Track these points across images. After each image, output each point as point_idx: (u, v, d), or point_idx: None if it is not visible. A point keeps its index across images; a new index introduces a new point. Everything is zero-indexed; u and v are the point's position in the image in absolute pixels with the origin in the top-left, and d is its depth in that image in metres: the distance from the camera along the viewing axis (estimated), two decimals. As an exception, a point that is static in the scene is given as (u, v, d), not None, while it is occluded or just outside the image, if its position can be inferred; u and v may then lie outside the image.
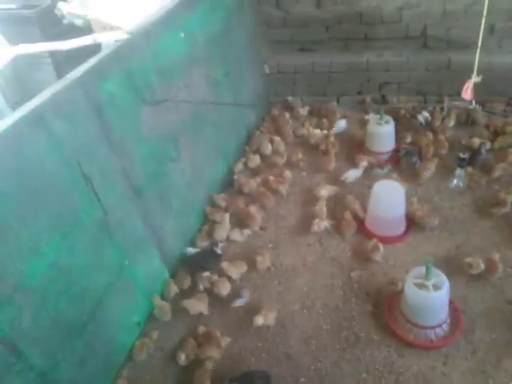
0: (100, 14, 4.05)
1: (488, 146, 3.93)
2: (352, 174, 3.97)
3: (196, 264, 3.25)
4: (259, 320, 2.81)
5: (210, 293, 3.10)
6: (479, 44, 2.78)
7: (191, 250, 3.42)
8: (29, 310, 2.07)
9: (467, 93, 2.84)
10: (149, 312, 3.04)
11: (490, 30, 4.38)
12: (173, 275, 3.28)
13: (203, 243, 3.55)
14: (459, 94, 4.62)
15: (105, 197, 2.52)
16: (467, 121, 4.42)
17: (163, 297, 3.12)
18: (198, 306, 3.01)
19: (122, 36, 2.69)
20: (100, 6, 4.05)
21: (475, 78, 2.81)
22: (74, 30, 4.37)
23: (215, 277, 3.15)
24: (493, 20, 4.27)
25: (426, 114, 4.42)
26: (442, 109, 4.50)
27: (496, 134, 4.20)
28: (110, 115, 2.55)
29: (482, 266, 2.99)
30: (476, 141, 4.00)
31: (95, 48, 3.52)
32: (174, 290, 3.13)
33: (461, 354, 2.63)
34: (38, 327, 2.14)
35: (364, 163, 4.02)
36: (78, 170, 2.33)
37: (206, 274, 3.15)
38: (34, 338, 2.12)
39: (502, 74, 4.30)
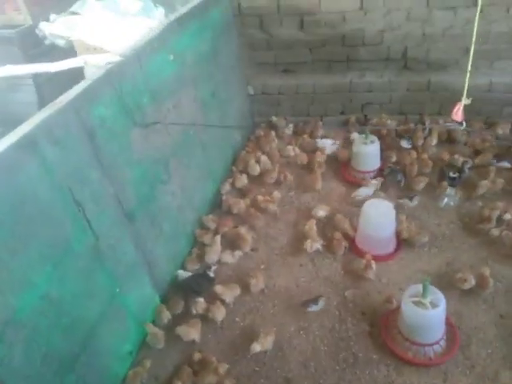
0: (84, 36, 4.03)
1: (470, 163, 4.04)
2: (363, 192, 3.98)
3: (188, 288, 3.18)
4: (256, 347, 2.75)
5: (204, 318, 3.03)
6: (469, 68, 2.87)
7: (182, 273, 3.35)
8: (20, 346, 1.96)
9: (458, 115, 2.92)
10: (141, 340, 2.94)
11: (467, 52, 4.56)
12: (164, 300, 3.19)
13: (194, 266, 3.48)
14: (439, 113, 4.85)
15: (96, 223, 2.45)
16: (448, 139, 4.56)
17: (155, 323, 3.02)
18: (191, 332, 2.93)
19: (113, 58, 2.66)
20: (85, 28, 4.04)
21: (465, 101, 2.89)
22: (55, 51, 4.33)
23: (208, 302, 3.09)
24: (468, 43, 4.45)
25: (408, 141, 4.53)
26: (424, 128, 4.62)
27: (476, 152, 4.34)
28: (101, 139, 2.50)
29: (473, 282, 3.04)
30: (459, 159, 4.10)
31: (77, 70, 3.50)
32: (166, 316, 3.04)
33: (460, 370, 2.64)
34: (30, 364, 2.03)
35: (375, 182, 4.05)
36: (69, 197, 2.26)
37: (200, 299, 3.07)
38: (26, 376, 2.01)
39: (479, 93, 4.45)
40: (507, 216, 3.45)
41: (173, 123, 3.32)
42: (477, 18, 2.71)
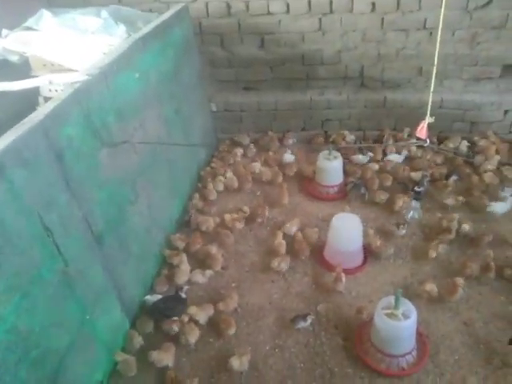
0: (41, 52, 3.88)
1: (428, 177, 4.26)
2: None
3: (160, 312, 3.08)
4: (235, 363, 2.72)
5: (178, 340, 2.95)
6: (432, 87, 3.03)
7: (150, 299, 3.24)
8: (-14, 385, 1.83)
9: (422, 132, 3.07)
10: (112, 368, 2.81)
11: (419, 71, 4.85)
12: (135, 325, 3.08)
13: (163, 288, 3.40)
14: (395, 129, 5.09)
15: (66, 248, 2.34)
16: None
17: (127, 350, 2.91)
18: (164, 358, 2.84)
19: (79, 77, 2.58)
20: (41, 43, 3.89)
21: (429, 119, 3.05)
22: (6, 67, 4.12)
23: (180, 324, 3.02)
24: (421, 63, 4.74)
25: (363, 156, 4.70)
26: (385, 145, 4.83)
27: (431, 165, 4.58)
28: (69, 160, 2.40)
29: (436, 290, 3.18)
30: (418, 173, 4.31)
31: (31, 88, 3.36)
32: (138, 341, 2.93)
33: (430, 378, 2.73)
34: (-4, 404, 1.89)
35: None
36: (38, 222, 2.14)
37: (174, 319, 3.00)
38: (-8, 418, 1.86)
39: (431, 110, 4.72)
40: (465, 227, 3.63)
41: (140, 142, 3.26)
42: (438, 41, 2.86)
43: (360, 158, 4.68)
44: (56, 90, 3.57)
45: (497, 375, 2.70)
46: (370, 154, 4.70)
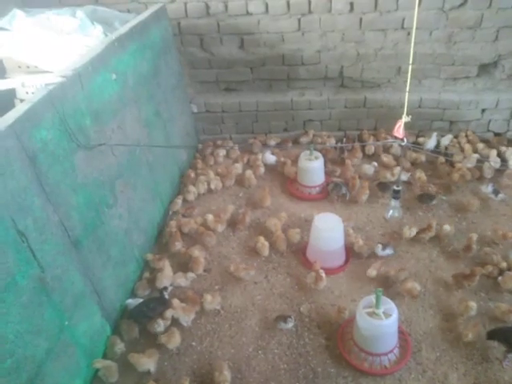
0: (15, 53, 3.80)
1: (406, 176, 4.30)
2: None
3: (142, 315, 3.04)
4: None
5: (160, 345, 2.91)
6: (408, 87, 3.05)
7: (132, 302, 3.20)
8: (-42, 397, 1.77)
9: (399, 132, 3.10)
10: (92, 374, 2.76)
11: (398, 71, 4.90)
12: (116, 330, 3.04)
13: (144, 292, 3.36)
14: (375, 128, 5.13)
15: (41, 253, 2.28)
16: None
17: (108, 355, 2.86)
18: (145, 362, 2.80)
19: (53, 79, 2.52)
20: (15, 44, 3.81)
21: (405, 118, 3.07)
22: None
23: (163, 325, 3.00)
24: (399, 63, 4.78)
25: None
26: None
27: (412, 164, 4.64)
28: (44, 164, 2.35)
29: (419, 288, 3.21)
30: (397, 172, 4.35)
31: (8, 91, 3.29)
32: (119, 347, 2.88)
33: (413, 376, 2.75)
34: (-30, 415, 1.82)
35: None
36: (11, 227, 2.08)
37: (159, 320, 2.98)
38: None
39: (411, 109, 4.75)
40: (446, 227, 3.67)
41: (118, 144, 3.21)
42: (412, 40, 2.88)
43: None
44: (33, 93, 3.49)
45: (477, 371, 2.73)
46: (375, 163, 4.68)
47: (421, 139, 4.96)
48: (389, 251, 3.54)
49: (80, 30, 3.95)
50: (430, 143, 4.82)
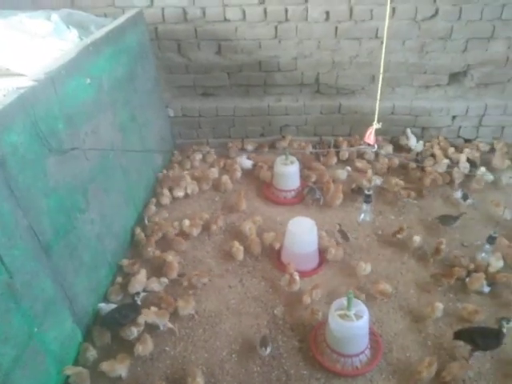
0: (-13, 56, 3.74)
1: (380, 181, 4.40)
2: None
3: (114, 322, 3.01)
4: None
5: (132, 351, 2.90)
6: (378, 95, 3.13)
7: (104, 307, 3.17)
8: None
9: (370, 138, 3.18)
10: (63, 381, 2.72)
11: (372, 79, 5.01)
12: (88, 336, 3.01)
13: (117, 297, 3.34)
14: (350, 134, 5.23)
15: (10, 258, 2.25)
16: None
17: (80, 362, 2.83)
18: (117, 368, 2.79)
19: (25, 83, 2.50)
20: (-13, 47, 3.75)
21: (376, 125, 3.16)
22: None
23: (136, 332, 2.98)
24: (373, 71, 4.90)
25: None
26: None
27: (388, 170, 4.75)
28: (13, 168, 2.32)
29: (390, 290, 3.29)
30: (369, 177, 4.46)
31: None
32: (91, 354, 2.86)
33: (383, 377, 2.81)
34: None
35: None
36: (-22, 231, 2.06)
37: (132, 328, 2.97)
38: None
39: (384, 116, 4.88)
40: (416, 239, 3.69)
41: (91, 148, 3.19)
42: (383, 49, 2.96)
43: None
44: (4, 95, 3.44)
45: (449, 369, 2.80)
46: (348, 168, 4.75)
47: (403, 142, 5.08)
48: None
49: (55, 34, 3.92)
50: (412, 142, 4.95)
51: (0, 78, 3.53)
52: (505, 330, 2.74)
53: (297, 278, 3.34)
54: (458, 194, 4.19)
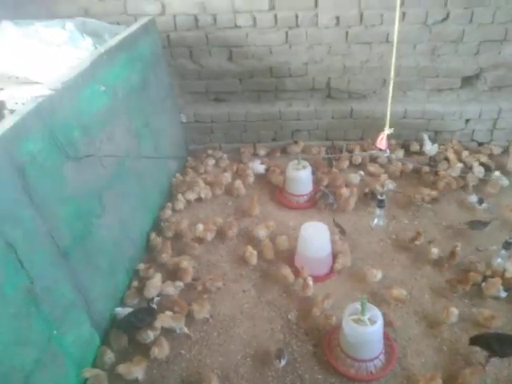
0: (4, 65, 3.83)
1: (393, 185, 4.40)
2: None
3: (130, 326, 3.06)
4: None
5: (148, 354, 2.93)
6: (389, 100, 3.14)
7: (121, 311, 3.22)
8: None
9: (381, 143, 3.19)
10: (82, 383, 2.78)
11: (383, 83, 5.01)
12: (105, 339, 3.06)
13: (133, 301, 3.39)
14: (362, 138, 5.23)
15: (30, 264, 2.30)
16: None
17: (98, 365, 2.88)
18: (133, 371, 2.83)
19: (42, 92, 2.57)
20: (3, 56, 3.84)
21: (388, 130, 3.17)
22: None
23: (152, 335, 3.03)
24: (384, 75, 4.89)
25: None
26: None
27: (401, 174, 4.74)
28: (32, 176, 2.38)
29: (404, 295, 3.27)
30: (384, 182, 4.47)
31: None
32: (109, 357, 2.91)
33: (398, 381, 2.80)
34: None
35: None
36: (0, 239, 2.11)
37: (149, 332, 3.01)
38: None
39: (396, 120, 4.87)
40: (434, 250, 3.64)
41: (107, 155, 3.25)
42: (394, 53, 2.97)
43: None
44: (23, 104, 3.52)
45: (462, 376, 2.78)
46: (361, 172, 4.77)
47: (416, 147, 5.07)
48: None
49: (70, 42, 4.00)
50: (427, 146, 4.94)
51: (19, 86, 3.61)
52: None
53: (310, 282, 3.35)
54: (473, 198, 4.16)
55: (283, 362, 2.85)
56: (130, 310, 3.22)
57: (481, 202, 4.13)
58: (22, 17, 4.32)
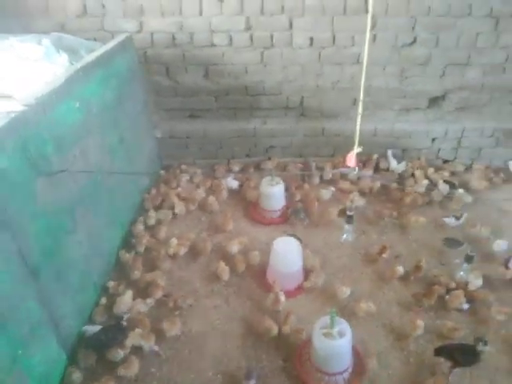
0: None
1: (363, 202, 4.54)
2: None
3: (99, 344, 3.03)
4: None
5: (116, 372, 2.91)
6: (358, 120, 3.27)
7: (89, 329, 3.19)
8: None
9: (351, 161, 3.32)
10: (47, 406, 2.72)
11: (354, 102, 5.18)
12: (72, 358, 3.02)
13: (102, 318, 3.36)
14: (333, 155, 5.37)
15: (-2, 282, 2.29)
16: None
17: (64, 384, 2.84)
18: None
19: (15, 107, 2.57)
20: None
21: (357, 149, 3.31)
22: None
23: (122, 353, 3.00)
24: (355, 95, 5.06)
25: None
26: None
27: (370, 190, 4.88)
28: (2, 192, 2.37)
29: (374, 308, 3.36)
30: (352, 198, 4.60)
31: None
32: (75, 375, 2.87)
33: (366, 395, 2.87)
34: None
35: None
36: (-34, 255, 2.09)
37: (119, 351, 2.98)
38: None
39: (366, 138, 5.04)
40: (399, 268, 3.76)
41: (79, 171, 3.25)
42: (363, 74, 3.11)
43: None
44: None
45: (426, 386, 2.88)
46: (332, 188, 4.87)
47: (386, 164, 5.25)
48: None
49: (46, 58, 4.01)
50: (392, 164, 5.11)
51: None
52: (480, 349, 2.82)
53: (282, 297, 3.40)
54: (452, 220, 4.27)
55: (252, 382, 2.84)
56: (98, 327, 3.18)
57: (458, 219, 4.26)
58: (-5, 31, 4.31)
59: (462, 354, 2.88)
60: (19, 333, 2.47)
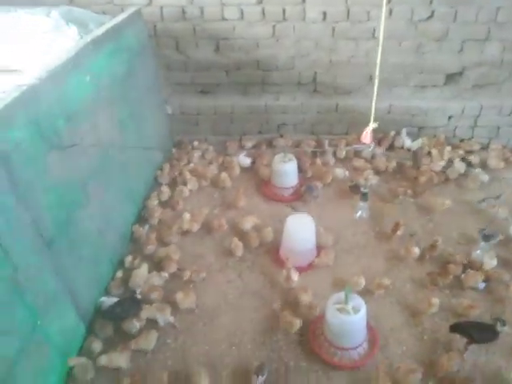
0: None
1: (376, 180, 4.48)
2: None
3: (115, 316, 3.06)
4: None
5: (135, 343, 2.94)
6: (374, 96, 3.19)
7: (106, 300, 3.22)
8: None
9: (366, 138, 3.25)
10: (67, 372, 2.76)
11: (369, 79, 5.06)
12: (90, 328, 3.07)
13: (118, 291, 3.39)
14: (347, 133, 5.28)
15: (14, 252, 2.28)
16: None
17: (83, 354, 2.88)
18: (117, 360, 2.84)
19: (26, 80, 2.53)
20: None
21: (373, 125, 3.23)
22: None
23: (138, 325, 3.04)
24: (370, 71, 4.95)
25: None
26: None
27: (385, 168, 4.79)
28: (16, 164, 2.34)
29: (388, 284, 3.34)
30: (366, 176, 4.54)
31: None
32: (94, 345, 2.91)
33: (380, 369, 2.85)
34: None
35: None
36: (-17, 226, 2.09)
37: (131, 324, 3.02)
38: None
39: (381, 115, 4.93)
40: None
41: (91, 145, 3.22)
42: (379, 49, 3.02)
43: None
44: (4, 92, 3.46)
45: (440, 362, 2.86)
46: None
47: (400, 142, 5.15)
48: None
49: (55, 31, 3.94)
50: (407, 142, 5.02)
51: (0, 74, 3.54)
52: (499, 329, 2.80)
53: (294, 274, 3.39)
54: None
55: (261, 379, 2.75)
56: (115, 299, 3.21)
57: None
58: (4, 3, 4.23)
59: (478, 331, 2.86)
60: (37, 302, 2.49)
